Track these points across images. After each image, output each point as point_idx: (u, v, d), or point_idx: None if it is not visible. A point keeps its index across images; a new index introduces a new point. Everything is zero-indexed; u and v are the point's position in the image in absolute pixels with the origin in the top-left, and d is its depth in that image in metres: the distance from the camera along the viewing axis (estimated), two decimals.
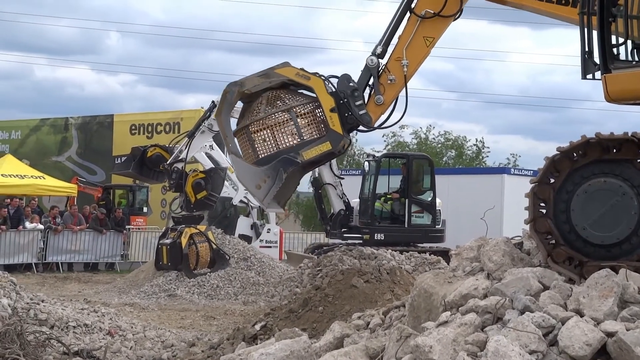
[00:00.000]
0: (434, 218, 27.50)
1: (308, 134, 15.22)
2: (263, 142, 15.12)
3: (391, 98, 15.82)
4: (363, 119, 15.29)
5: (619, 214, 8.85)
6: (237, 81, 15.20)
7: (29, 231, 29.09)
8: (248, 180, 15.22)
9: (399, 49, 15.56)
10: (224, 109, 15.37)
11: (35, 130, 45.29)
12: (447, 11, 15.36)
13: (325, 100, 15.15)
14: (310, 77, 15.25)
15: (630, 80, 9.50)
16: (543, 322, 7.61)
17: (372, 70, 15.52)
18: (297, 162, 15.03)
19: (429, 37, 15.59)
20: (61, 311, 15.19)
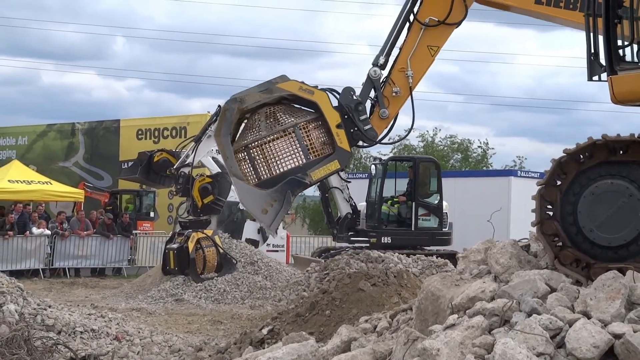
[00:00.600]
0: (440, 221, 27.48)
1: (314, 152, 14.74)
2: (266, 163, 14.54)
3: (396, 111, 15.64)
4: (369, 134, 15.03)
5: (626, 215, 8.83)
6: (237, 97, 14.57)
7: (36, 237, 29.10)
8: (253, 204, 14.56)
9: (402, 59, 15.33)
10: (223, 127, 14.57)
11: (42, 135, 45.37)
12: (452, 19, 15.23)
13: (331, 115, 14.75)
14: (314, 91, 14.79)
15: (636, 82, 9.49)
16: (550, 325, 7.60)
17: (375, 82, 15.23)
18: (306, 183, 14.67)
19: (433, 45, 15.38)
20: (68, 316, 15.19)
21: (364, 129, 14.97)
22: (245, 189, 14.35)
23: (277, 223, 14.69)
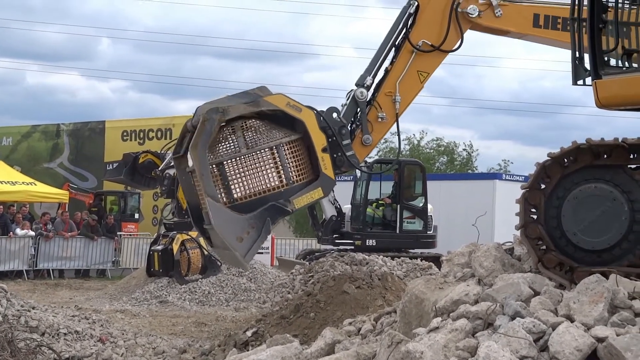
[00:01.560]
0: (425, 224, 27.50)
1: (297, 176, 13.62)
2: (242, 183, 13.29)
3: (380, 138, 15.15)
4: (352, 160, 14.20)
5: (609, 219, 8.87)
6: (219, 108, 13.30)
7: (19, 238, 29.01)
8: (228, 230, 13.00)
9: (390, 83, 14.77)
10: (201, 140, 13.07)
11: (27, 136, 45.23)
12: (447, 46, 14.81)
13: (317, 137, 13.79)
14: (302, 108, 13.80)
15: (620, 86, 9.53)
16: (534, 328, 7.62)
17: (360, 105, 14.55)
18: (288, 211, 13.54)
19: (423, 71, 14.89)
20: (52, 318, 15.16)
21: (347, 155, 14.15)
22: (221, 212, 12.96)
23: (252, 254, 13.33)
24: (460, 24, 14.70)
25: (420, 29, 14.74)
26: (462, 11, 14.60)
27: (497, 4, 14.59)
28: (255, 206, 13.16)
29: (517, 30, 14.88)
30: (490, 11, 14.62)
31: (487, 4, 14.62)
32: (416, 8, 14.71)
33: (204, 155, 12.96)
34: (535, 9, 14.67)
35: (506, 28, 14.88)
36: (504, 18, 14.66)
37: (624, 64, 9.77)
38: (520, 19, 14.70)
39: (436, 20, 14.71)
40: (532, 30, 14.66)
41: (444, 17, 14.70)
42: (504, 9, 14.62)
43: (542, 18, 14.57)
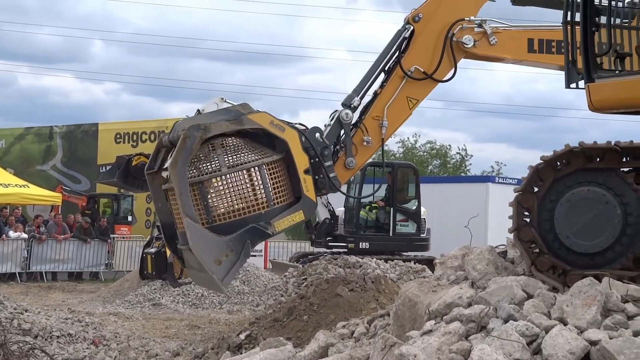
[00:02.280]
0: (418, 227, 27.52)
1: (278, 197, 13.28)
2: (222, 204, 12.98)
3: (364, 162, 15.01)
4: (334, 183, 13.96)
5: (602, 222, 8.88)
6: (201, 125, 12.93)
7: (12, 240, 28.98)
8: (206, 252, 12.57)
9: (379, 107, 14.61)
10: (182, 158, 12.61)
11: (20, 138, 45.18)
12: (439, 74, 14.69)
13: (300, 158, 13.49)
14: (285, 128, 13.53)
15: (613, 90, 9.54)
16: (527, 331, 7.62)
17: (345, 127, 14.36)
18: (268, 234, 13.11)
19: (413, 98, 14.74)
20: (45, 321, 15.15)
21: (329, 178, 13.88)
22: (199, 232, 12.54)
23: (230, 278, 12.97)
24: (454, 54, 14.57)
25: (414, 54, 14.61)
26: (457, 40, 14.50)
27: (491, 32, 14.48)
28: (234, 228, 12.83)
29: (513, 57, 14.78)
30: (485, 40, 14.51)
31: (481, 33, 14.52)
32: (411, 33, 14.61)
33: (183, 174, 12.61)
34: (529, 33, 14.61)
35: (502, 56, 14.81)
36: (498, 46, 14.57)
37: (617, 67, 9.79)
38: (515, 46, 14.62)
39: (430, 47, 14.59)
40: (527, 56, 14.57)
41: (438, 45, 14.58)
42: (498, 37, 14.51)
43: (536, 43, 14.49)
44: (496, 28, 14.60)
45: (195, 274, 13.75)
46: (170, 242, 14.23)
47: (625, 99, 9.48)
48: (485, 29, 14.52)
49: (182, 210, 12.54)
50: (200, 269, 12.81)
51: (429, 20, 14.58)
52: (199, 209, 12.76)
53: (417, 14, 14.62)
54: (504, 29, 14.63)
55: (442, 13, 14.63)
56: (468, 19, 14.53)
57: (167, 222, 14.09)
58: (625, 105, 9.63)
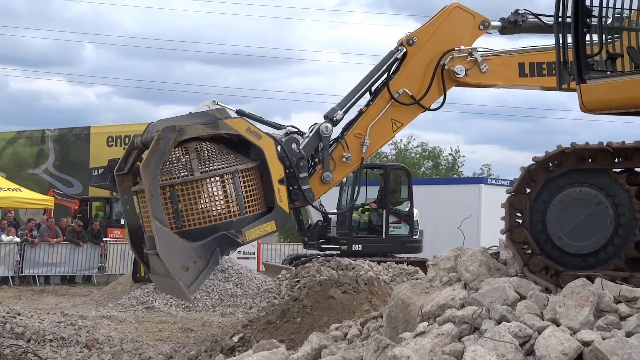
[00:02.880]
0: (411, 228, 27.53)
1: (251, 206, 13.10)
2: (192, 209, 12.70)
3: (341, 178, 15.03)
4: (307, 195, 13.89)
5: (594, 223, 8.89)
6: (176, 127, 12.65)
7: (5, 244, 28.94)
8: (173, 258, 12.33)
9: (362, 125, 14.56)
10: (154, 159, 12.39)
11: (12, 142, 45.11)
12: (426, 101, 14.64)
13: (275, 167, 13.34)
14: (262, 135, 13.40)
15: (605, 91, 9.55)
16: (520, 332, 7.62)
17: (324, 140, 14.23)
18: (239, 242, 12.99)
19: (398, 121, 14.68)
20: (38, 324, 15.13)
21: (302, 189, 13.80)
22: (168, 237, 12.28)
23: (197, 285, 12.80)
24: (444, 82, 14.53)
25: (404, 77, 14.58)
26: (448, 69, 14.47)
27: (481, 60, 14.44)
28: (204, 234, 12.64)
29: (505, 83, 14.81)
30: (476, 68, 14.49)
31: (472, 61, 14.50)
32: (404, 55, 14.60)
33: (155, 176, 12.36)
34: (520, 58, 14.59)
35: (493, 83, 14.85)
36: (490, 73, 14.56)
37: (608, 68, 9.80)
38: (506, 71, 14.61)
39: (420, 72, 14.57)
40: (518, 81, 14.58)
41: (429, 71, 14.55)
42: (489, 64, 14.50)
43: (527, 67, 14.47)
44: (486, 55, 14.57)
45: (160, 280, 13.58)
46: (136, 247, 14.10)
47: (617, 99, 9.49)
48: (476, 57, 14.49)
49: (151, 213, 12.30)
50: (166, 275, 12.66)
51: (422, 45, 14.58)
52: (168, 213, 12.55)
53: (412, 37, 14.60)
54: (494, 56, 14.62)
55: (437, 40, 14.60)
56: (458, 49, 14.51)
57: (135, 225, 13.96)
58: (617, 106, 9.64)
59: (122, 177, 14.10)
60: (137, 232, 13.87)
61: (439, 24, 14.70)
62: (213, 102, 14.93)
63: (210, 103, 14.93)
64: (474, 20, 14.80)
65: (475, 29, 14.80)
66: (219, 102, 14.94)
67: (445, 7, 14.79)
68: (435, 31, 14.64)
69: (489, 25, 14.84)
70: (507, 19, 14.85)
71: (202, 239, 12.58)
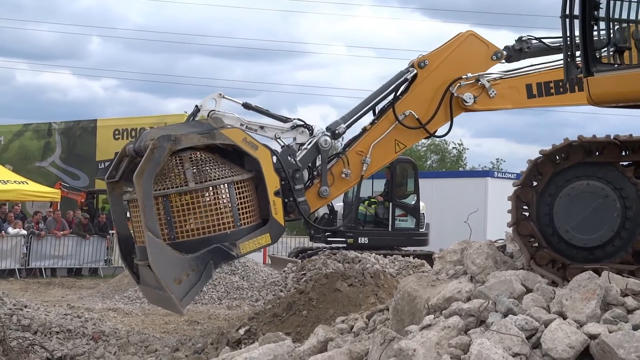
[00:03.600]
0: (417, 221, 27.55)
1: (245, 218, 12.94)
2: (186, 220, 12.57)
3: (338, 195, 14.95)
4: (302, 208, 13.82)
5: (601, 216, 8.88)
6: (171, 136, 12.54)
7: (12, 237, 28.95)
8: (166, 270, 12.16)
9: (365, 143, 14.50)
10: (148, 169, 12.22)
11: (19, 135, 45.08)
12: (432, 126, 14.57)
13: (270, 179, 13.22)
14: (258, 146, 13.28)
15: (612, 83, 9.53)
16: (526, 325, 7.61)
17: (323, 154, 14.16)
18: (233, 255, 12.87)
19: (401, 142, 14.64)
20: (44, 317, 15.16)
21: (297, 202, 13.71)
22: (161, 249, 12.10)
23: (189, 299, 12.66)
24: (452, 109, 14.46)
25: (411, 99, 14.52)
26: (457, 96, 14.40)
27: (489, 85, 14.36)
28: (198, 246, 12.48)
29: (513, 106, 14.72)
30: (484, 94, 14.44)
31: (480, 88, 14.43)
32: (413, 76, 14.55)
33: (149, 186, 12.21)
34: (527, 79, 14.52)
35: (502, 107, 14.79)
36: (498, 97, 14.50)
37: (616, 60, 9.77)
38: (515, 94, 14.54)
39: (428, 96, 14.50)
40: (527, 103, 14.52)
41: (437, 96, 14.48)
42: (497, 88, 14.44)
43: (534, 87, 14.39)
44: (493, 80, 14.50)
45: (150, 291, 13.47)
46: (126, 257, 13.95)
47: (625, 92, 9.47)
48: (483, 83, 14.42)
49: (144, 224, 12.11)
50: (157, 287, 12.51)
51: (433, 69, 14.54)
52: (161, 224, 12.36)
53: (424, 60, 14.56)
54: (501, 79, 14.55)
55: (448, 66, 14.56)
56: (465, 77, 14.44)
57: (125, 235, 13.88)
58: (625, 98, 9.62)
59: (112, 185, 13.95)
60: (127, 241, 13.73)
61: (453, 49, 14.64)
62: (219, 96, 14.91)
63: (216, 96, 14.91)
64: (488, 50, 14.78)
65: (487, 59, 14.77)
66: (225, 95, 14.93)
67: (460, 34, 14.75)
68: (448, 56, 14.59)
69: (502, 56, 14.79)
70: (512, 47, 14.79)
71: (196, 251, 12.43)
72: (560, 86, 14.03)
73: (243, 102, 14.77)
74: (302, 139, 14.51)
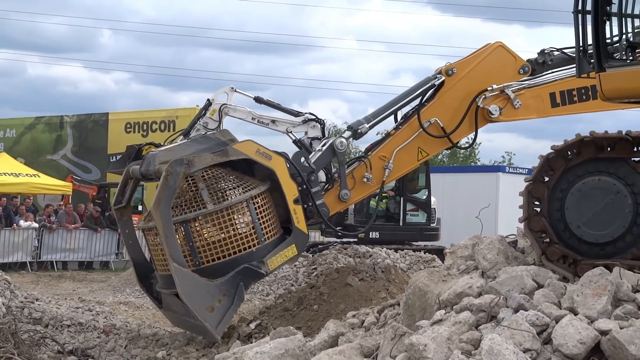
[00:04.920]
0: (428, 216, 27.48)
1: (268, 232, 12.63)
2: (210, 244, 12.28)
3: (358, 200, 14.92)
4: (321, 210, 13.64)
5: (613, 212, 8.87)
6: (184, 159, 12.12)
7: (23, 230, 29.01)
8: (197, 300, 11.89)
9: (388, 148, 14.40)
10: (165, 196, 11.81)
11: (30, 128, 45.17)
12: (456, 136, 14.52)
13: (288, 187, 13.01)
14: (272, 155, 12.96)
15: (624, 79, 9.50)
16: (537, 321, 7.62)
17: (340, 156, 14.02)
18: (262, 273, 12.61)
19: (424, 150, 14.57)
20: (55, 310, 15.19)
21: (317, 205, 13.51)
22: (189, 278, 11.79)
23: (224, 325, 12.34)
24: (477, 120, 14.41)
25: (437, 107, 14.46)
26: (483, 108, 14.35)
27: (514, 96, 14.35)
28: (225, 269, 12.24)
29: (538, 116, 14.71)
30: (509, 105, 14.46)
31: (505, 99, 14.43)
32: (440, 84, 14.52)
33: (168, 214, 11.86)
34: (550, 88, 14.50)
35: (527, 117, 14.74)
36: (523, 108, 14.50)
37: (628, 56, 9.75)
38: (539, 104, 14.55)
39: (454, 105, 14.45)
40: (551, 112, 14.52)
41: (462, 106, 14.43)
42: (521, 98, 14.45)
43: (558, 96, 14.39)
44: (518, 90, 14.46)
45: (178, 318, 13.25)
46: (143, 282, 13.75)
47: (637, 88, 9.45)
48: (509, 94, 14.40)
49: (169, 255, 11.79)
50: (185, 313, 12.26)
51: (460, 77, 14.50)
52: (184, 251, 12.09)
53: (452, 67, 14.55)
54: (524, 89, 14.52)
55: (475, 76, 14.55)
56: (491, 88, 14.42)
57: (139, 260, 13.71)
58: (637, 94, 9.60)
59: (121, 211, 13.82)
60: (143, 266, 13.52)
61: (481, 60, 14.63)
62: (231, 89, 14.93)
63: (228, 90, 14.94)
64: (515, 63, 14.74)
65: (515, 72, 14.71)
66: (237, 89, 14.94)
67: (488, 44, 14.72)
68: (476, 67, 14.57)
69: (529, 70, 14.71)
70: (535, 60, 14.73)
71: (223, 274, 12.18)
72: (583, 93, 14.03)
73: (254, 96, 14.77)
74: (313, 133, 14.50)
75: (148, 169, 12.72)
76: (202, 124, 16.07)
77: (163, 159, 12.37)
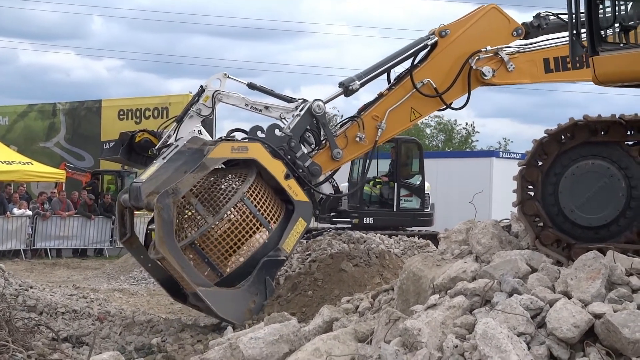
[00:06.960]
0: (422, 202, 27.46)
1: (272, 218, 12.78)
2: (223, 254, 12.48)
3: (352, 158, 14.95)
4: (312, 169, 13.69)
5: (606, 196, 8.87)
6: (169, 190, 12.15)
7: (17, 217, 28.99)
8: (233, 312, 12.24)
9: (381, 108, 14.43)
10: (165, 233, 11.94)
11: (23, 116, 45.12)
12: (448, 97, 14.54)
13: (274, 167, 13.05)
14: (248, 146, 13.04)
15: (617, 63, 9.51)
16: (531, 304, 7.62)
17: (321, 118, 14.00)
18: (282, 260, 12.91)
19: (417, 111, 14.60)
20: (50, 297, 15.19)
21: (306, 168, 13.57)
22: (220, 296, 12.11)
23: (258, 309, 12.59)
24: (470, 82, 14.47)
25: (430, 67, 14.50)
26: (476, 69, 14.39)
27: (507, 59, 14.38)
28: (247, 269, 12.46)
29: (531, 81, 14.75)
30: (502, 68, 14.49)
31: (499, 61, 14.48)
32: (433, 44, 14.55)
33: (174, 246, 12.00)
34: (545, 53, 14.56)
35: (520, 81, 14.80)
36: (516, 71, 14.55)
37: (621, 40, 9.74)
38: (532, 68, 14.58)
39: (447, 66, 14.50)
40: (544, 77, 14.58)
41: (455, 67, 14.48)
42: (515, 62, 14.49)
43: (552, 62, 14.43)
44: (512, 53, 14.51)
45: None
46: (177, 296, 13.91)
47: (630, 72, 9.45)
48: (502, 57, 14.42)
49: (191, 283, 12.01)
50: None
51: (454, 39, 14.54)
52: (202, 269, 12.33)
53: (445, 29, 14.56)
54: (519, 53, 14.57)
55: (469, 37, 14.59)
56: (484, 49, 14.45)
57: (164, 277, 13.72)
58: (630, 78, 9.61)
59: (129, 242, 14.03)
60: (169, 282, 13.58)
61: (474, 21, 14.64)
62: (224, 76, 14.92)
63: (221, 76, 14.93)
64: (509, 25, 14.76)
65: (508, 34, 14.76)
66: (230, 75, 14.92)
67: (481, 7, 14.72)
68: (469, 28, 14.59)
69: (523, 32, 14.76)
70: (530, 23, 14.76)
71: (247, 275, 12.41)
72: (577, 61, 14.04)
73: (248, 82, 14.77)
74: None
75: (138, 204, 12.87)
76: (195, 111, 16.07)
77: (148, 190, 12.41)
